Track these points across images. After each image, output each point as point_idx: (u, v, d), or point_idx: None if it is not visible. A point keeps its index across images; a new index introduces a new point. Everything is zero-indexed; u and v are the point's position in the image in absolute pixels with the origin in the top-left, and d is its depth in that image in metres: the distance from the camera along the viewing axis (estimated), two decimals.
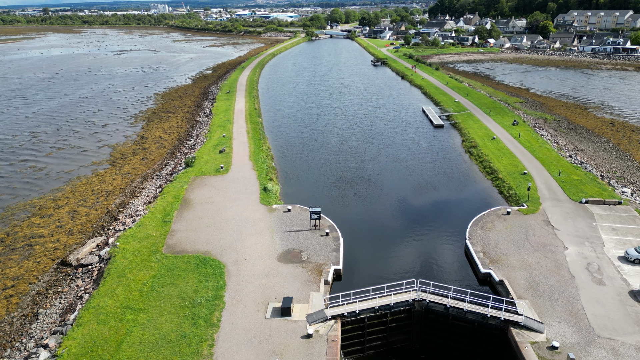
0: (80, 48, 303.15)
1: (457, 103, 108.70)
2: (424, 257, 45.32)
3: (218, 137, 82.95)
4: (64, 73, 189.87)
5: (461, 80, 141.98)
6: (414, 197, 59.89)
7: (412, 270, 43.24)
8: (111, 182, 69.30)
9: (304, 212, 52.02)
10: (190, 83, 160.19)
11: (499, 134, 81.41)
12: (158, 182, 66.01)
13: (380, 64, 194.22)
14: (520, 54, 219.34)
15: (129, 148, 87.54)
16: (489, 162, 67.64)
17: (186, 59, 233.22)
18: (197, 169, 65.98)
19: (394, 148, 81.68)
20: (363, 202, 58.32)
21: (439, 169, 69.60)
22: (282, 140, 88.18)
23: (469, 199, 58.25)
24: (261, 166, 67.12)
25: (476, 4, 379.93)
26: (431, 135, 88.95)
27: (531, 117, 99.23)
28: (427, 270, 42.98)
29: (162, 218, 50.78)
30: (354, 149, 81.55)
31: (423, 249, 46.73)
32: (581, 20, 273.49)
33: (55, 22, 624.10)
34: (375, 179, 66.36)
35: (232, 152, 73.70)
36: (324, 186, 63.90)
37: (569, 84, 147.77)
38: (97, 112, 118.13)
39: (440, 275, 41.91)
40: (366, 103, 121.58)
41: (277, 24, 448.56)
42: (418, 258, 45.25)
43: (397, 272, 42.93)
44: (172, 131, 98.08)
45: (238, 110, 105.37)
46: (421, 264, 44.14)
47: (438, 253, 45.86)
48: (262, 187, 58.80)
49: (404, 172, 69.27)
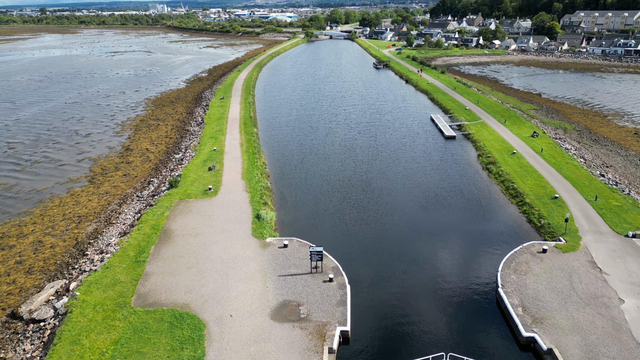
0: (73, 49, 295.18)
1: (468, 111, 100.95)
2: (448, 312, 37.50)
3: (208, 150, 75.15)
4: (54, 76, 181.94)
5: (469, 85, 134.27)
6: (431, 226, 52.10)
7: (434, 331, 35.44)
8: (86, 204, 61.47)
9: (303, 247, 44.27)
10: (183, 87, 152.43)
11: (519, 148, 73.70)
12: (137, 206, 58.20)
13: (382, 66, 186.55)
14: (527, 56, 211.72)
15: (112, 162, 79.76)
16: (512, 183, 59.89)
17: (181, 60, 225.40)
18: (182, 191, 58.18)
19: (403, 162, 73.96)
20: (371, 234, 50.52)
21: (455, 190, 61.84)
22: (279, 153, 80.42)
23: (494, 230, 50.44)
24: (255, 187, 59.36)
25: (479, 4, 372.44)
26: (442, 147, 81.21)
27: (549, 127, 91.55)
28: (452, 333, 35.17)
29: (136, 256, 42.96)
30: (358, 164, 73.82)
31: (447, 300, 38.92)
32: (588, 21, 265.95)
33: (51, 22, 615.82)
34: (383, 201, 58.60)
35: (223, 170, 65.91)
36: (325, 211, 56.12)
37: (582, 88, 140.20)
38: (82, 120, 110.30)
39: (471, 339, 34.06)
40: (369, 109, 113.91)
41: (276, 24, 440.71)
42: (441, 313, 37.42)
43: (417, 333, 35.16)
44: (160, 142, 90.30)
45: (232, 118, 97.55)
46: (445, 322, 36.31)
47: (465, 306, 38.00)
48: (254, 215, 51.03)
49: (416, 192, 61.50)
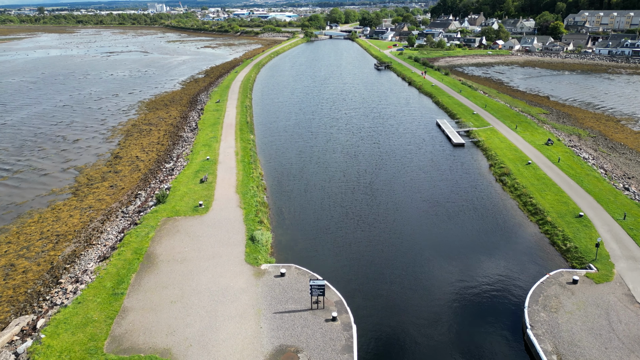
0: (69, 49, 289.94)
1: (476, 116, 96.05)
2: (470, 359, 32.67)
3: (201, 160, 70.20)
4: (47, 77, 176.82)
5: (475, 88, 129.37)
6: (443, 248, 47.18)
7: None
8: (67, 221, 56.55)
9: (302, 277, 39.40)
10: (179, 89, 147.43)
11: (534, 157, 68.81)
12: (122, 224, 53.28)
13: (384, 67, 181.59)
14: (531, 56, 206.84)
15: (99, 171, 74.83)
16: (530, 198, 55.00)
17: (178, 61, 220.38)
18: (170, 207, 53.26)
19: (409, 173, 69.09)
20: (378, 258, 45.61)
21: (468, 205, 56.96)
22: (277, 162, 75.51)
23: (514, 254, 45.51)
24: (250, 202, 54.46)
25: (481, 4, 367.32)
26: (451, 156, 76.33)
27: (563, 133, 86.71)
28: None
29: (114, 287, 38.05)
30: (361, 174, 68.94)
31: (467, 344, 34.04)
32: (593, 21, 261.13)
33: (49, 22, 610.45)
34: (390, 218, 53.72)
35: (216, 182, 60.97)
36: (326, 230, 51.23)
37: (591, 91, 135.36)
38: (71, 124, 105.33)
39: None
40: (371, 113, 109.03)
41: (275, 24, 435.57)
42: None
43: None
44: (151, 149, 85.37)
45: (227, 123, 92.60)
46: None
47: (488, 350, 33.14)
48: (248, 236, 46.14)
49: (425, 208, 56.60)
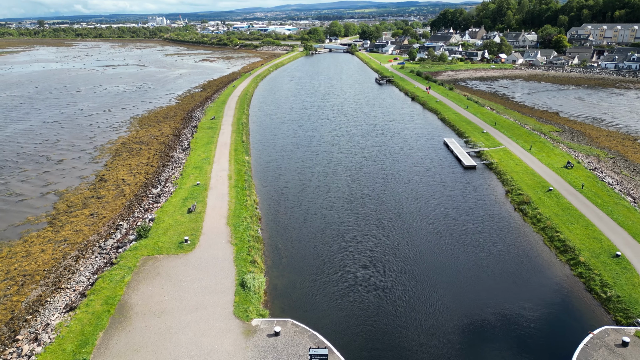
0: (65, 62, 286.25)
1: (486, 134, 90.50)
2: None
3: (191, 185, 64.34)
4: (39, 92, 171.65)
5: (482, 104, 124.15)
6: (462, 294, 41.10)
7: None
8: (37, 257, 50.49)
9: (300, 336, 33.29)
10: (174, 104, 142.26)
11: (554, 182, 63.01)
12: (97, 263, 47.21)
13: (385, 82, 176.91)
14: (536, 70, 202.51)
15: (80, 196, 68.94)
16: (557, 232, 49.07)
17: (175, 75, 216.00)
18: (152, 243, 47.26)
19: (418, 199, 63.24)
20: (390, 309, 39.51)
21: (485, 238, 51.02)
22: (274, 186, 69.64)
23: (546, 304, 39.28)
24: (242, 236, 48.50)
25: (481, 17, 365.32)
26: (462, 180, 70.56)
27: (580, 154, 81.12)
28: None
29: (75, 352, 31.89)
30: (366, 200, 63.08)
31: None
32: (596, 34, 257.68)
33: (48, 35, 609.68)
34: (401, 256, 47.72)
35: (205, 212, 55.06)
36: (329, 271, 45.18)
37: (600, 106, 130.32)
38: (58, 143, 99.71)
39: None
40: (374, 131, 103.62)
41: (275, 37, 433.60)
42: None
43: None
44: (139, 171, 79.60)
45: (222, 143, 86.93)
46: None
47: None
48: (239, 280, 40.10)
49: (438, 242, 50.65)
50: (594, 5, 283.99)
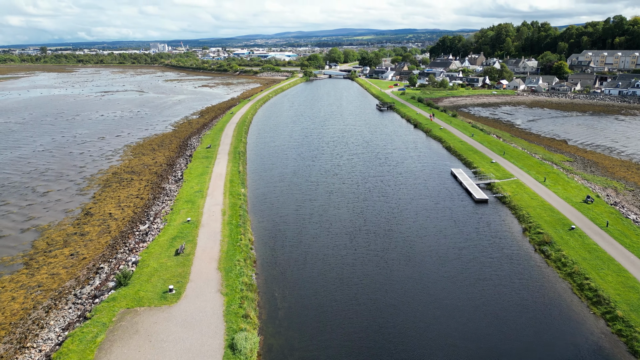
0: (64, 88, 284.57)
1: (496, 165, 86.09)
2: None
3: (181, 222, 59.37)
4: (34, 118, 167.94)
5: (488, 131, 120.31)
6: (486, 356, 35.72)
7: None
8: (6, 306, 45.04)
9: None
10: (170, 131, 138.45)
11: (575, 220, 58.11)
12: (69, 315, 41.80)
13: (386, 108, 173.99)
14: (538, 96, 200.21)
15: (63, 233, 63.86)
16: (586, 279, 43.89)
17: (173, 101, 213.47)
18: (132, 292, 41.98)
19: (427, 237, 58.20)
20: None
21: (505, 284, 45.77)
22: (271, 222, 64.61)
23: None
24: (234, 284, 43.27)
25: (480, 44, 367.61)
26: (474, 214, 65.64)
27: (596, 185, 76.49)
28: None
29: None
30: (371, 239, 57.99)
31: None
32: (597, 61, 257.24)
33: (49, 61, 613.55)
34: (412, 307, 42.39)
35: (195, 254, 49.93)
36: (332, 326, 39.75)
37: (607, 134, 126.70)
38: (45, 172, 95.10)
39: None
40: (376, 159, 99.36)
41: (275, 63, 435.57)
42: None
43: None
44: (128, 203, 74.73)
45: (217, 174, 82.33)
46: None
47: None
48: (228, 341, 34.72)
49: (453, 289, 45.36)
50: (594, 32, 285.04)
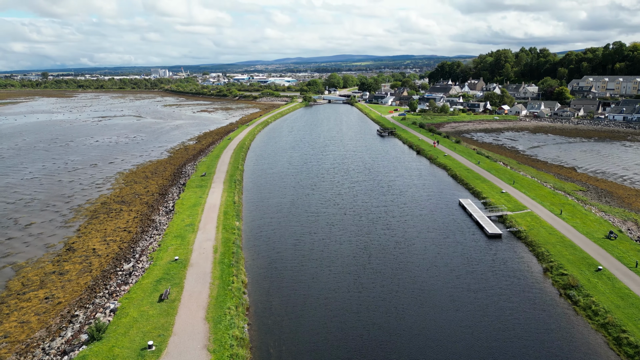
0: (61, 113, 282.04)
1: (507, 195, 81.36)
2: None
3: (168, 261, 54.17)
4: (27, 144, 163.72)
5: (495, 159, 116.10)
6: None
7: None
8: None
9: None
10: (165, 157, 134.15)
11: (600, 258, 53.04)
12: None
13: (387, 134, 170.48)
14: (541, 122, 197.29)
15: (40, 272, 58.56)
16: (623, 331, 38.57)
17: (171, 126, 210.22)
18: (106, 349, 36.54)
19: (439, 277, 52.97)
20: None
21: (530, 337, 40.34)
22: (267, 259, 59.36)
23: None
24: (223, 338, 37.86)
25: (479, 70, 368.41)
26: (487, 251, 60.51)
27: (614, 218, 71.61)
28: None
29: None
30: (378, 280, 52.74)
31: None
32: (598, 86, 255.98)
33: (50, 87, 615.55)
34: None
35: (181, 300, 44.60)
36: None
37: (615, 160, 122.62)
38: (31, 202, 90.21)
39: None
40: (379, 187, 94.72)
41: (274, 88, 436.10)
42: None
43: None
44: (114, 237, 69.58)
45: (210, 205, 77.45)
46: None
47: None
48: None
49: (471, 342, 39.91)
50: (593, 58, 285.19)
